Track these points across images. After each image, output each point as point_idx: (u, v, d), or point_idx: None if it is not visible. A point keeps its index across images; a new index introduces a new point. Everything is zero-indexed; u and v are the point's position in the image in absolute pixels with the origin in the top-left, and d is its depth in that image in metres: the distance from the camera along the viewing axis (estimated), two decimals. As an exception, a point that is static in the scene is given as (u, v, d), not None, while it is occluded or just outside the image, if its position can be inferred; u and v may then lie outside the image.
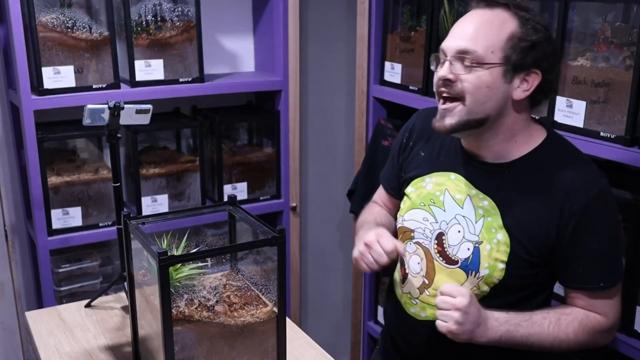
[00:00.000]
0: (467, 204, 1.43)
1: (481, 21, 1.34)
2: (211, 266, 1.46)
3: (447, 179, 1.48)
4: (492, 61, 1.32)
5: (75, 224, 2.34)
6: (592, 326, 1.40)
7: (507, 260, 1.39)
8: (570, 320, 1.39)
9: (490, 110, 1.34)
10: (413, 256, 1.51)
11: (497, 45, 1.32)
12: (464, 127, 1.36)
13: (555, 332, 1.37)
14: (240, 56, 2.79)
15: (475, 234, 1.41)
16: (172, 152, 2.62)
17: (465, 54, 1.33)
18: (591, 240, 1.35)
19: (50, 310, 1.82)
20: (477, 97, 1.33)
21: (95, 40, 2.22)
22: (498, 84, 1.33)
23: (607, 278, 1.38)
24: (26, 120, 2.15)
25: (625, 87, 1.60)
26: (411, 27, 2.28)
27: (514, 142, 1.41)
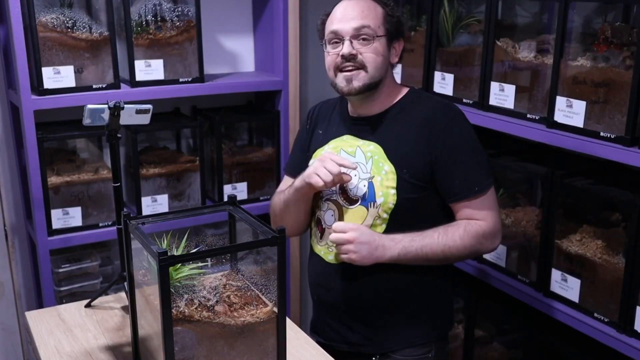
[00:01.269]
0: (357, 152, 1.71)
1: (361, 6, 1.65)
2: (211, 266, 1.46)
3: (340, 141, 1.77)
4: (381, 34, 1.65)
5: (75, 224, 2.34)
6: (475, 230, 1.63)
7: (396, 185, 1.64)
8: (456, 229, 1.64)
9: (383, 73, 1.67)
10: (327, 212, 1.74)
11: (380, 21, 1.66)
12: (368, 88, 1.66)
13: (444, 240, 1.62)
14: (240, 56, 2.79)
15: (367, 172, 1.67)
16: (172, 152, 2.62)
17: (363, 29, 1.63)
18: (458, 153, 1.63)
19: (50, 310, 1.82)
20: (376, 64, 1.65)
21: (95, 40, 2.22)
22: (385, 52, 1.67)
23: (480, 182, 1.63)
24: (26, 120, 2.15)
25: (625, 87, 1.60)
26: (411, 27, 2.28)
27: (389, 96, 1.72)
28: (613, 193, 1.72)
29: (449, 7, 2.09)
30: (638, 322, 1.67)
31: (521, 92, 1.90)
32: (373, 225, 1.67)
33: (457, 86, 2.10)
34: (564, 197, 1.85)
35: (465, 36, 2.08)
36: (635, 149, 1.60)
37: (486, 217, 1.65)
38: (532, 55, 1.87)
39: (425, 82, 2.21)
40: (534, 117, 1.85)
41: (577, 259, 1.80)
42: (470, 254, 1.68)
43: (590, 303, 1.78)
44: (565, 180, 1.82)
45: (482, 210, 1.65)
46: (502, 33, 1.95)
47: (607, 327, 1.73)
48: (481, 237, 1.64)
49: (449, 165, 1.63)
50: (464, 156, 1.63)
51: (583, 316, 1.78)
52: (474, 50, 2.03)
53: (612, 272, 1.71)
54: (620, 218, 1.77)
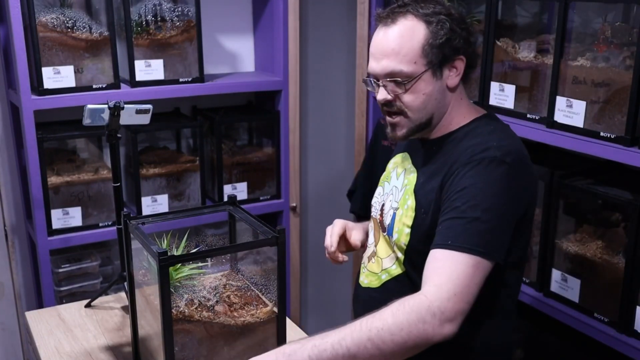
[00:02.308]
0: (401, 176, 1.53)
1: (393, 38, 1.38)
2: (211, 266, 1.46)
3: (399, 157, 1.59)
4: (419, 71, 1.38)
5: (75, 224, 2.34)
6: (415, 302, 1.20)
7: (412, 224, 1.41)
8: (390, 305, 1.23)
9: (432, 110, 1.42)
10: (371, 230, 1.60)
11: (417, 55, 1.37)
12: (415, 132, 1.45)
13: (369, 323, 1.20)
14: (240, 56, 2.79)
15: (397, 201, 1.48)
16: (172, 152, 2.62)
17: (394, 76, 1.39)
18: (457, 197, 1.31)
19: (50, 310, 1.82)
20: (417, 106, 1.41)
21: (95, 40, 2.22)
22: (431, 86, 1.40)
23: (458, 239, 1.27)
24: (26, 120, 2.15)
25: (625, 87, 1.60)
26: (411, 27, 2.27)
27: (451, 122, 1.46)
28: (613, 193, 1.72)
29: (449, 7, 2.09)
30: (638, 322, 1.67)
31: (521, 92, 1.90)
32: (397, 261, 1.45)
33: (457, 86, 2.10)
34: (564, 197, 1.85)
35: (465, 36, 2.08)
36: (635, 149, 1.60)
37: (441, 283, 1.23)
38: (532, 55, 1.87)
39: (425, 82, 2.21)
40: (534, 117, 1.85)
41: (577, 259, 1.80)
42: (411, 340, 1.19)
43: (590, 303, 1.78)
44: (565, 180, 1.82)
45: (440, 271, 1.25)
46: (502, 33, 1.95)
47: (607, 327, 1.72)
48: (424, 312, 1.20)
49: (444, 209, 1.34)
50: (461, 203, 1.30)
51: (583, 316, 1.78)
52: (474, 50, 2.03)
53: (612, 272, 1.71)
54: (620, 218, 1.77)
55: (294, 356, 1.19)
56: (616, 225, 1.77)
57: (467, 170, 1.33)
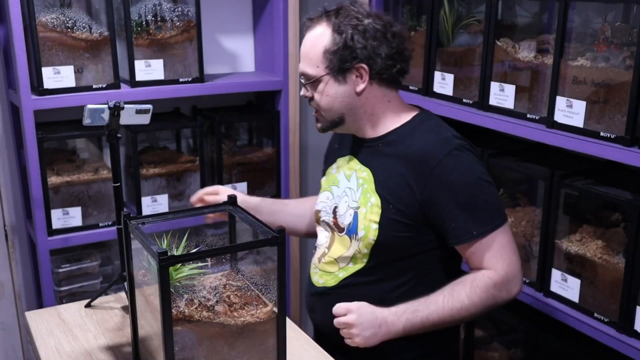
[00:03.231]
0: (352, 177, 1.63)
1: (306, 42, 1.58)
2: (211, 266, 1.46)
3: (344, 161, 1.70)
4: (320, 74, 1.55)
5: (75, 224, 2.34)
6: (483, 284, 1.49)
7: (379, 220, 1.54)
8: (462, 287, 1.49)
9: (340, 109, 1.58)
10: (322, 232, 1.70)
11: (318, 60, 1.55)
12: (330, 127, 1.62)
13: (450, 303, 1.48)
14: (240, 56, 2.79)
15: (356, 201, 1.59)
16: (172, 152, 2.62)
17: (304, 76, 1.59)
18: (452, 193, 1.48)
19: (50, 310, 1.82)
20: (325, 105, 1.58)
21: (95, 40, 2.22)
22: (334, 89, 1.56)
23: (479, 226, 1.49)
24: (26, 120, 2.15)
25: (625, 87, 1.60)
26: (411, 27, 2.28)
27: (382, 122, 1.61)
28: (613, 193, 1.72)
29: (449, 7, 2.09)
30: (638, 322, 1.67)
31: (521, 92, 1.90)
32: (354, 258, 1.60)
33: (457, 86, 2.10)
34: (564, 197, 1.85)
35: (465, 36, 2.08)
36: (635, 149, 1.60)
37: (494, 264, 1.50)
38: (532, 55, 1.87)
39: (425, 82, 2.21)
40: (534, 117, 1.85)
41: (577, 259, 1.80)
42: (486, 309, 1.51)
43: (590, 303, 1.78)
44: (565, 180, 1.82)
45: (487, 256, 1.50)
46: (502, 33, 1.95)
47: (607, 327, 1.72)
48: (492, 290, 1.49)
49: (443, 207, 1.50)
50: (460, 196, 1.49)
51: (583, 316, 1.78)
52: (474, 50, 2.03)
53: (612, 272, 1.71)
54: (620, 218, 1.77)
55: (392, 327, 1.46)
56: (616, 225, 1.77)
57: (445, 167, 1.48)
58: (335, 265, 1.64)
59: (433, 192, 1.49)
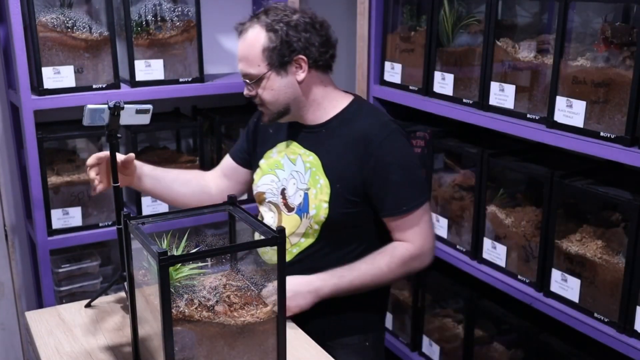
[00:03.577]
0: (298, 161, 1.75)
1: (243, 45, 1.69)
2: (211, 266, 1.46)
3: (285, 147, 1.81)
4: (263, 72, 1.67)
5: (75, 224, 2.34)
6: (401, 254, 1.69)
7: (329, 199, 1.68)
8: (382, 256, 1.69)
9: (285, 100, 1.70)
10: (267, 213, 1.81)
11: (259, 59, 1.66)
12: (276, 118, 1.73)
13: (371, 270, 1.68)
14: (240, 56, 2.79)
15: (305, 183, 1.72)
16: (172, 152, 2.62)
17: (247, 77, 1.69)
18: (388, 171, 1.65)
19: (50, 310, 1.82)
20: (270, 99, 1.69)
21: (95, 40, 2.22)
22: (277, 83, 1.68)
23: (408, 202, 1.67)
24: (26, 120, 2.15)
25: (625, 87, 1.60)
26: (411, 27, 2.28)
27: (323, 108, 1.74)
28: (613, 193, 1.72)
29: (449, 7, 2.09)
30: (638, 322, 1.67)
31: (521, 92, 1.90)
32: (305, 234, 1.73)
33: (457, 86, 2.10)
34: (564, 197, 1.85)
35: (465, 36, 2.08)
36: (635, 149, 1.60)
37: (413, 237, 1.70)
38: (532, 55, 1.87)
39: (425, 82, 2.21)
40: (534, 117, 1.85)
41: (577, 259, 1.80)
42: (401, 276, 1.74)
43: (590, 303, 1.78)
44: (565, 180, 1.82)
45: (409, 230, 1.69)
46: (502, 33, 1.95)
47: (607, 327, 1.73)
48: (408, 260, 1.70)
49: (380, 183, 1.67)
50: (394, 175, 1.66)
51: (583, 316, 1.78)
52: (474, 50, 2.03)
53: (612, 272, 1.71)
54: (620, 218, 1.77)
55: (320, 291, 1.66)
56: (616, 225, 1.77)
57: (378, 147, 1.65)
58: (287, 242, 1.73)
59: (373, 170, 1.66)
